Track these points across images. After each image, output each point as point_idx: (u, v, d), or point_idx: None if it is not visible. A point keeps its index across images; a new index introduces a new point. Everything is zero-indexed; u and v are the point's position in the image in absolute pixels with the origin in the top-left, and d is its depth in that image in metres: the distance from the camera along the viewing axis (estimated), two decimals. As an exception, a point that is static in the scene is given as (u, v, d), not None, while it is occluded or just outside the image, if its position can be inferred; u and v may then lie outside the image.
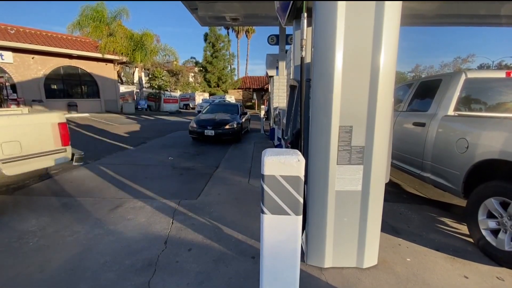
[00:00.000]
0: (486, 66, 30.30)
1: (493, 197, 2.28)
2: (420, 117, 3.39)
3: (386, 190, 3.88)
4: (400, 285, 1.89)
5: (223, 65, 28.83)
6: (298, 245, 0.91)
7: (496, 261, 2.20)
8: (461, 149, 2.64)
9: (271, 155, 0.88)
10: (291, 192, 0.89)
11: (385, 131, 1.85)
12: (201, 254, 2.23)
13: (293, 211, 0.90)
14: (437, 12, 5.21)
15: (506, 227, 2.17)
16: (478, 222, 2.39)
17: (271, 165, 0.87)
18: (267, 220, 0.91)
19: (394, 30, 1.73)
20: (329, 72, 1.76)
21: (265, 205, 0.90)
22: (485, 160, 2.38)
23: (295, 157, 0.87)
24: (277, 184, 0.88)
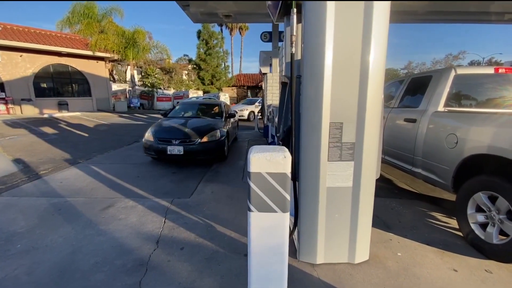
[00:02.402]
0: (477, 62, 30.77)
1: (482, 191, 2.31)
2: (411, 113, 3.42)
3: (378, 186, 3.91)
4: (390, 280, 1.91)
5: (217, 63, 28.58)
6: (286, 242, 0.91)
7: (485, 254, 2.25)
8: (451, 145, 2.68)
9: (257, 152, 0.87)
10: (278, 189, 0.88)
11: (375, 127, 1.86)
12: (193, 253, 2.22)
13: (280, 209, 0.89)
14: (428, 9, 5.25)
15: (494, 220, 2.21)
16: (467, 216, 2.43)
17: (257, 162, 0.86)
18: (254, 218, 0.90)
19: (383, 28, 1.73)
20: (319, 69, 1.76)
21: (252, 203, 0.89)
22: (473, 155, 2.42)
23: (281, 154, 0.86)
24: (263, 182, 0.87)
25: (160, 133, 4.97)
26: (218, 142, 5.03)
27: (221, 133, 5.16)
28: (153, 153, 4.82)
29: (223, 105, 6.76)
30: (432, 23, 6.99)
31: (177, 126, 5.35)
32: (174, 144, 4.69)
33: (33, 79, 14.61)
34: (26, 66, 14.27)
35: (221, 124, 5.56)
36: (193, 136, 4.83)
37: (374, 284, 1.86)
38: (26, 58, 14.15)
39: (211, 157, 4.98)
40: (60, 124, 11.20)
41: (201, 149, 4.77)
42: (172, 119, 5.96)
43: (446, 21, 6.68)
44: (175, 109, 6.74)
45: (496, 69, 3.12)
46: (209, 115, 6.40)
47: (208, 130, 5.05)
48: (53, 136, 8.26)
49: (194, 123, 5.55)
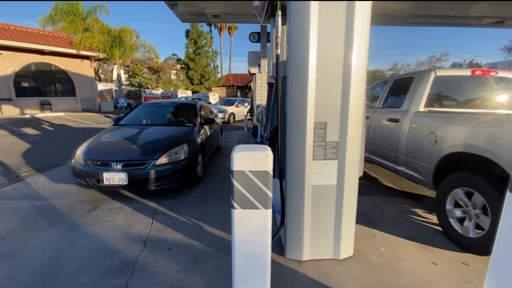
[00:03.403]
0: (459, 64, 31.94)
1: (459, 187, 2.42)
2: (394, 113, 3.53)
3: (364, 184, 4.03)
4: (373, 274, 1.97)
5: (206, 62, 28.43)
6: (268, 238, 0.93)
7: (462, 247, 2.36)
8: (431, 143, 2.79)
9: (240, 151, 0.90)
10: (260, 186, 0.91)
11: (358, 127, 1.92)
12: (181, 253, 2.22)
13: (263, 205, 0.92)
14: (410, 12, 5.42)
15: (471, 215, 2.32)
16: (446, 212, 2.54)
17: (240, 161, 0.89)
18: (237, 215, 0.93)
19: (365, 29, 1.79)
20: (303, 70, 1.80)
21: (235, 200, 0.92)
22: (451, 153, 2.53)
23: (264, 153, 0.89)
24: (246, 179, 0.90)
25: (94, 153, 3.39)
26: (186, 162, 3.48)
27: (190, 149, 3.66)
28: (84, 180, 3.25)
29: (199, 108, 5.04)
30: (416, 26, 7.21)
31: (122, 141, 3.70)
32: (113, 170, 3.13)
33: (13, 78, 14.05)
34: (6, 64, 13.72)
35: (193, 135, 4.08)
36: (144, 155, 3.29)
37: (357, 279, 1.92)
38: (6, 56, 13.61)
39: (175, 185, 3.41)
40: (43, 124, 10.84)
41: (157, 176, 3.20)
42: (121, 128, 4.31)
43: (428, 24, 6.92)
44: (131, 113, 4.96)
45: (473, 71, 3.27)
46: (177, 121, 4.84)
47: (169, 146, 3.50)
48: (35, 137, 7.99)
49: (151, 135, 3.94)
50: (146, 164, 3.24)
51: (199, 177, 3.99)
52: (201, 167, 4.11)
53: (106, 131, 4.20)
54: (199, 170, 4.02)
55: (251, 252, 0.94)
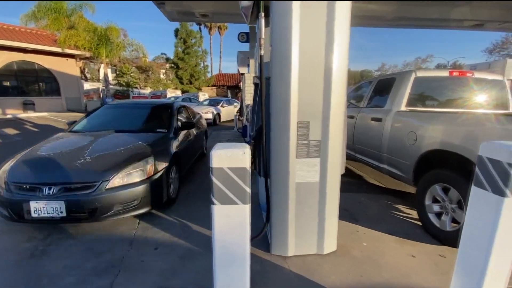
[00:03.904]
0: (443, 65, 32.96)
1: (437, 183, 2.54)
2: (378, 112, 3.63)
3: (349, 182, 4.14)
4: (355, 267, 2.05)
5: (196, 62, 28.23)
6: (247, 232, 0.98)
7: (440, 240, 2.47)
8: (411, 141, 2.90)
9: (219, 149, 0.93)
10: (238, 182, 0.94)
11: (339, 125, 1.99)
12: (167, 252, 2.23)
13: (241, 201, 0.96)
14: (395, 14, 5.58)
15: (448, 210, 2.44)
16: (425, 207, 2.65)
17: (219, 158, 0.92)
18: (217, 210, 0.96)
19: (345, 29, 1.85)
20: (286, 71, 1.85)
21: (215, 196, 0.95)
22: (430, 150, 2.64)
23: (241, 150, 0.93)
24: (225, 176, 0.93)
25: (21, 172, 2.53)
26: (152, 181, 2.68)
27: (159, 162, 2.86)
28: (6, 212, 2.38)
29: (176, 109, 4.17)
30: (402, 28, 7.40)
31: (64, 155, 2.75)
32: (45, 196, 2.29)
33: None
34: (-14, 63, 13.23)
35: (164, 144, 3.28)
36: (92, 174, 2.46)
37: (340, 272, 1.99)
38: (-15, 54, 13.11)
39: (138, 212, 2.60)
40: (25, 125, 10.52)
41: (110, 202, 2.41)
42: (70, 136, 3.43)
43: (413, 26, 7.13)
44: (90, 116, 4.06)
45: (451, 72, 3.43)
46: (147, 126, 3.86)
47: (128, 160, 2.67)
48: (17, 138, 7.75)
49: (107, 145, 3.02)
50: (93, 187, 2.37)
51: (172, 197, 3.16)
52: (176, 183, 3.29)
53: (48, 140, 3.24)
54: (173, 188, 3.19)
55: (231, 245, 0.98)
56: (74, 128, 3.79)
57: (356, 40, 77.88)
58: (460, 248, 1.35)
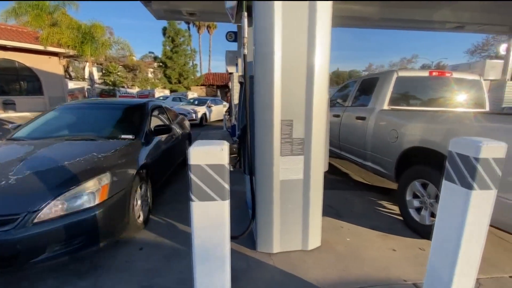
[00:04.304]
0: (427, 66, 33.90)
1: (416, 179, 2.63)
2: (362, 111, 3.72)
3: (335, 179, 4.21)
4: (339, 262, 2.10)
5: (184, 61, 27.90)
6: (227, 228, 0.99)
7: (420, 234, 2.57)
8: (393, 139, 2.99)
9: (196, 146, 0.94)
10: (217, 179, 0.96)
11: (321, 123, 2.03)
12: (152, 252, 2.22)
13: (219, 197, 0.97)
14: (379, 16, 5.71)
15: (427, 204, 2.53)
16: (406, 202, 2.75)
17: (197, 155, 0.93)
18: (195, 207, 0.97)
19: (327, 29, 1.89)
20: (269, 70, 1.87)
21: (193, 193, 0.96)
22: (410, 147, 2.74)
23: (219, 147, 0.94)
24: (203, 173, 0.94)
25: None
26: (106, 207, 2.01)
27: (118, 180, 2.20)
28: None
29: (149, 111, 3.44)
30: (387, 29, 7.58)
31: None
32: None
33: (-29, 76, 12.98)
34: (-38, 60, 12.64)
35: (128, 155, 2.57)
36: (13, 203, 1.79)
37: (324, 268, 2.03)
38: (-39, 51, 12.53)
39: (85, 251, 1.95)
40: (5, 125, 10.11)
41: (40, 242, 1.75)
42: (5, 146, 2.69)
43: (397, 27, 7.30)
44: (39, 119, 3.27)
45: (430, 72, 3.56)
46: (109, 132, 3.04)
47: (70, 181, 1.97)
48: (-3, 139, 7.46)
49: (47, 158, 2.32)
50: (12, 222, 1.68)
51: (139, 223, 2.48)
52: (145, 204, 2.64)
53: None
54: (142, 210, 2.58)
55: (210, 242, 0.99)
56: (15, 134, 2.96)
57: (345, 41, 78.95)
58: (433, 240, 1.42)
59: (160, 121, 3.82)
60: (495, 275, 1.98)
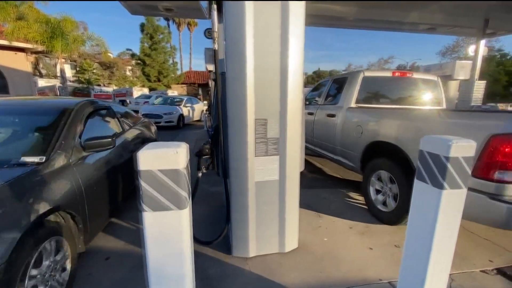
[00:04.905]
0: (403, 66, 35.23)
1: (377, 170, 2.89)
2: (332, 109, 3.91)
3: (313, 178, 4.20)
4: (315, 264, 2.06)
5: (164, 58, 27.11)
6: (186, 241, 0.89)
7: (381, 220, 2.78)
8: (358, 134, 3.19)
9: (146, 149, 0.83)
10: (172, 186, 0.86)
11: (297, 122, 1.97)
12: (120, 262, 2.06)
13: (176, 205, 0.87)
14: (354, 15, 5.79)
15: (386, 193, 2.78)
16: (369, 192, 2.98)
17: (147, 159, 0.82)
18: (148, 218, 0.86)
19: (300, 28, 1.83)
20: (241, 68, 1.78)
21: (144, 202, 0.85)
22: (372, 142, 2.94)
23: (173, 150, 0.84)
24: (155, 179, 0.84)
25: None
26: None
27: None
28: None
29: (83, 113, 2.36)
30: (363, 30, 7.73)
31: None
32: None
33: None
34: None
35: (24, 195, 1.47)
36: None
37: (301, 270, 1.98)
38: None
39: None
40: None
41: None
42: None
43: (373, 28, 7.47)
44: None
45: (393, 72, 3.83)
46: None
47: None
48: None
49: None
50: None
51: None
52: (60, 272, 1.63)
53: None
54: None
55: (167, 258, 0.88)
56: None
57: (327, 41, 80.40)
58: (406, 239, 1.40)
59: (104, 130, 2.76)
60: (467, 270, 2.02)
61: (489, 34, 7.14)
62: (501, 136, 1.71)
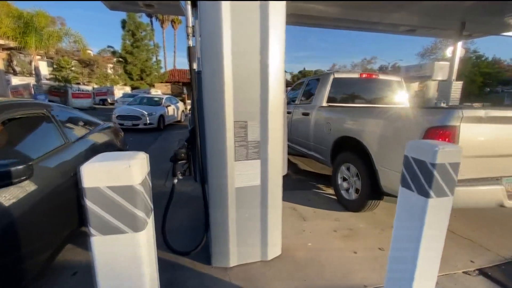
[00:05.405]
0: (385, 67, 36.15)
1: (344, 163, 3.15)
2: (307, 108, 4.16)
3: (299, 179, 4.14)
4: (299, 272, 1.98)
5: (147, 56, 26.38)
6: (146, 267, 0.77)
7: (347, 208, 3.05)
8: (328, 131, 3.47)
9: (93, 162, 0.70)
10: (125, 205, 0.73)
11: (278, 125, 1.88)
12: (89, 277, 1.88)
13: (131, 228, 0.74)
14: (337, 16, 5.79)
15: (351, 183, 3.04)
16: (337, 182, 3.24)
17: (93, 175, 0.69)
18: (97, 244, 0.73)
19: (280, 25, 1.73)
20: (219, 68, 1.67)
21: (92, 225, 0.72)
22: (339, 137, 3.22)
23: (125, 162, 0.71)
24: (104, 198, 0.71)
25: None
26: None
27: None
28: None
29: None
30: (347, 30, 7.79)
31: None
32: None
33: None
34: None
35: None
36: None
37: (283, 279, 1.89)
38: None
39: None
40: None
41: None
42: None
43: (354, 29, 7.52)
44: None
45: (361, 74, 4.18)
46: None
47: None
48: None
49: None
50: None
51: None
52: None
53: None
54: None
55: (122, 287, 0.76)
56: None
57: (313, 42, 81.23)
58: (391, 248, 1.34)
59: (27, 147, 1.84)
60: (449, 272, 2.01)
61: (465, 36, 7.38)
62: (435, 128, 2.02)
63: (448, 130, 1.96)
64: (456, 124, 1.95)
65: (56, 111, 2.33)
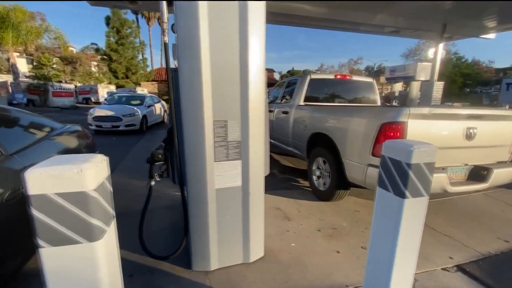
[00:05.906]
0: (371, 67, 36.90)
1: (316, 157, 3.40)
2: (286, 107, 4.39)
3: (283, 179, 4.12)
4: (281, 273, 1.95)
5: (132, 54, 25.74)
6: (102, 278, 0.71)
7: (319, 198, 3.32)
8: (304, 127, 3.72)
9: (38, 167, 0.63)
10: (77, 214, 0.67)
11: (259, 124, 1.84)
12: (60, 285, 1.79)
13: (85, 238, 0.68)
14: (323, 16, 5.81)
15: (323, 175, 3.31)
16: (312, 175, 3.49)
17: (39, 181, 0.62)
18: (47, 256, 0.66)
19: (260, 27, 1.69)
20: (196, 64, 1.61)
21: (41, 237, 0.65)
22: (313, 133, 3.46)
23: (75, 166, 0.64)
24: (52, 206, 0.64)
25: None
26: None
27: None
28: None
29: None
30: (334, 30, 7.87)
31: None
32: None
33: None
34: None
35: None
36: None
37: (265, 281, 1.86)
38: None
39: None
40: None
41: None
42: None
43: (341, 29, 7.60)
44: None
45: (335, 75, 4.50)
46: None
47: None
48: None
49: None
50: None
51: None
52: None
53: None
54: None
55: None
56: None
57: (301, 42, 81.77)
58: (370, 247, 1.33)
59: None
60: (429, 269, 2.04)
61: (446, 38, 7.60)
62: (388, 124, 2.28)
63: (399, 125, 2.22)
64: (404, 120, 2.21)
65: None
